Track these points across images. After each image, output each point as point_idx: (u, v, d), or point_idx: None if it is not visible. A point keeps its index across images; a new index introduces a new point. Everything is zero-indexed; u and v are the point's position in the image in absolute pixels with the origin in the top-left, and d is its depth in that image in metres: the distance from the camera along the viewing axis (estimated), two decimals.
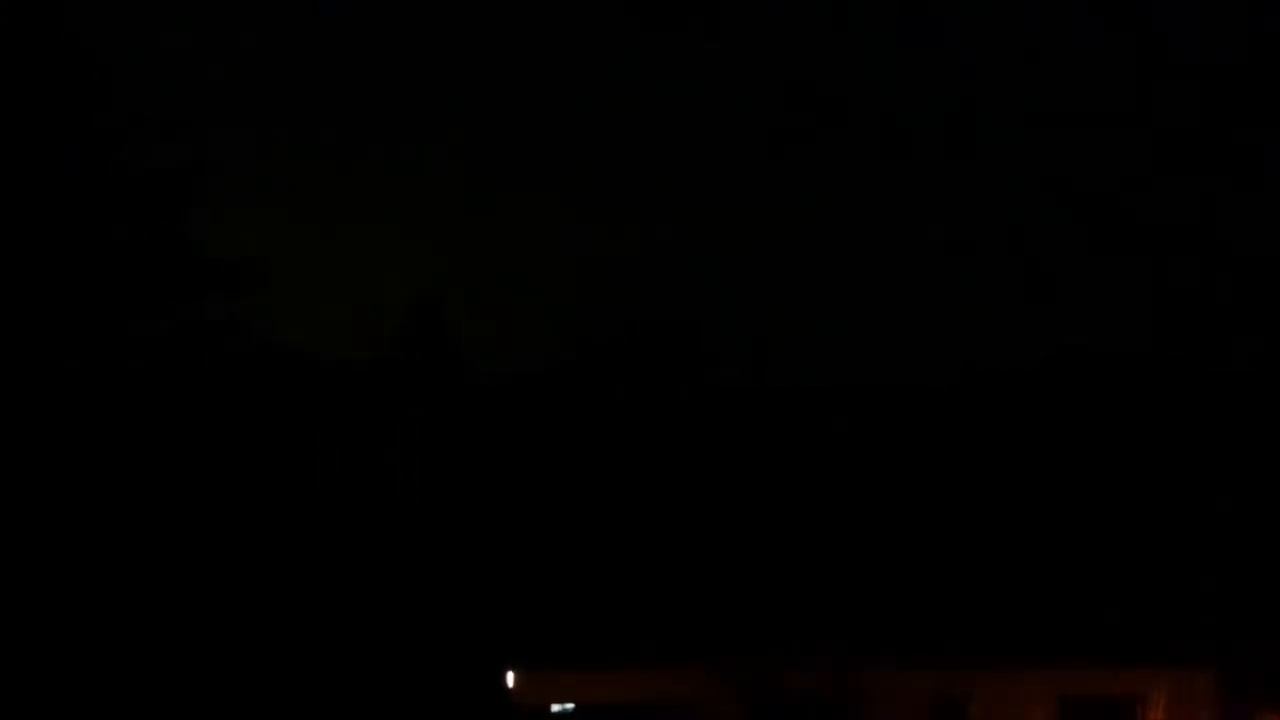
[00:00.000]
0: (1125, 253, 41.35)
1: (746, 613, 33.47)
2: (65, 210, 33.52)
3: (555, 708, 33.00)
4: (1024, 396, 38.24)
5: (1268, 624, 34.04)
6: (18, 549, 31.52)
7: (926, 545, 34.88)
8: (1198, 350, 38.31)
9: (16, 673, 30.83)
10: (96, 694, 30.94)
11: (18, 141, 33.55)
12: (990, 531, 35.29)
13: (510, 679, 32.82)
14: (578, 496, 35.80)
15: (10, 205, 33.12)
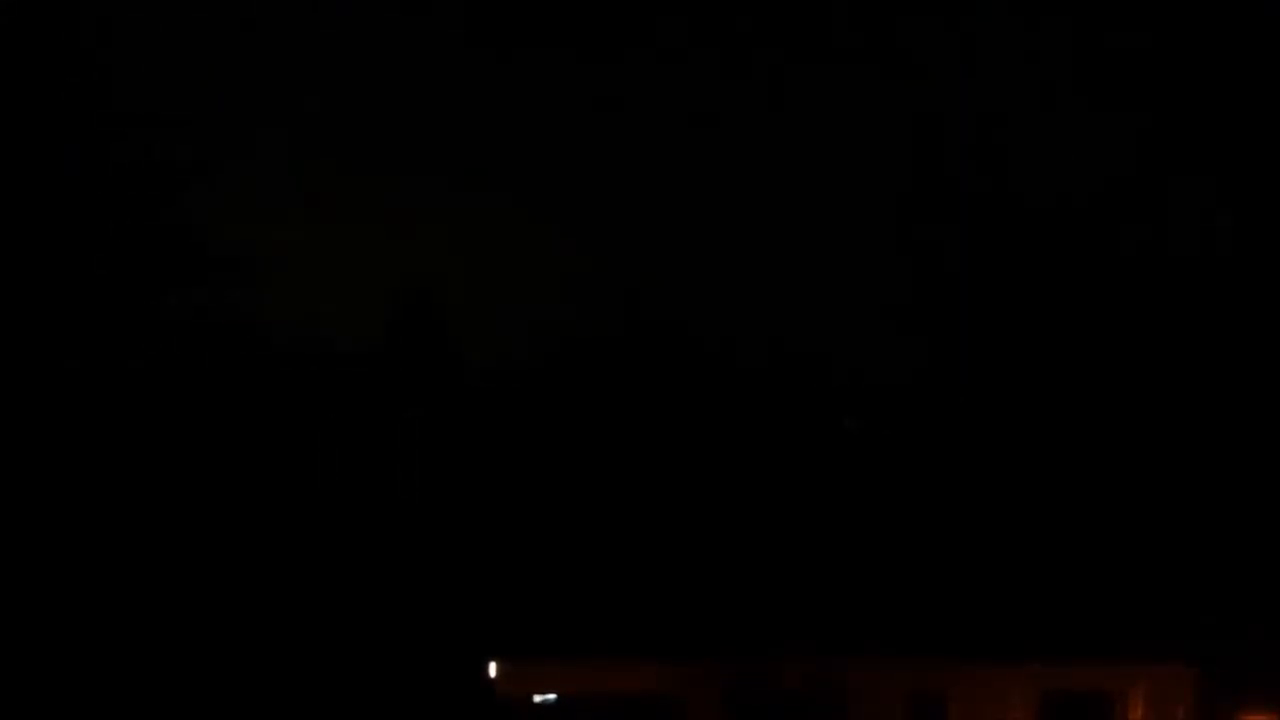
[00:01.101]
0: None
1: (730, 607, 33.75)
2: (62, 206, 34.02)
3: (537, 698, 33.26)
4: (997, 394, 38.45)
5: (1247, 621, 34.21)
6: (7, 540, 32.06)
7: (908, 542, 35.15)
8: (1179, 348, 38.43)
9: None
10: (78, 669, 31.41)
11: (15, 137, 34.05)
12: (972, 529, 35.55)
13: (493, 669, 33.12)
14: (565, 489, 36.10)
15: (6, 200, 33.63)
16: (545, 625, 33.47)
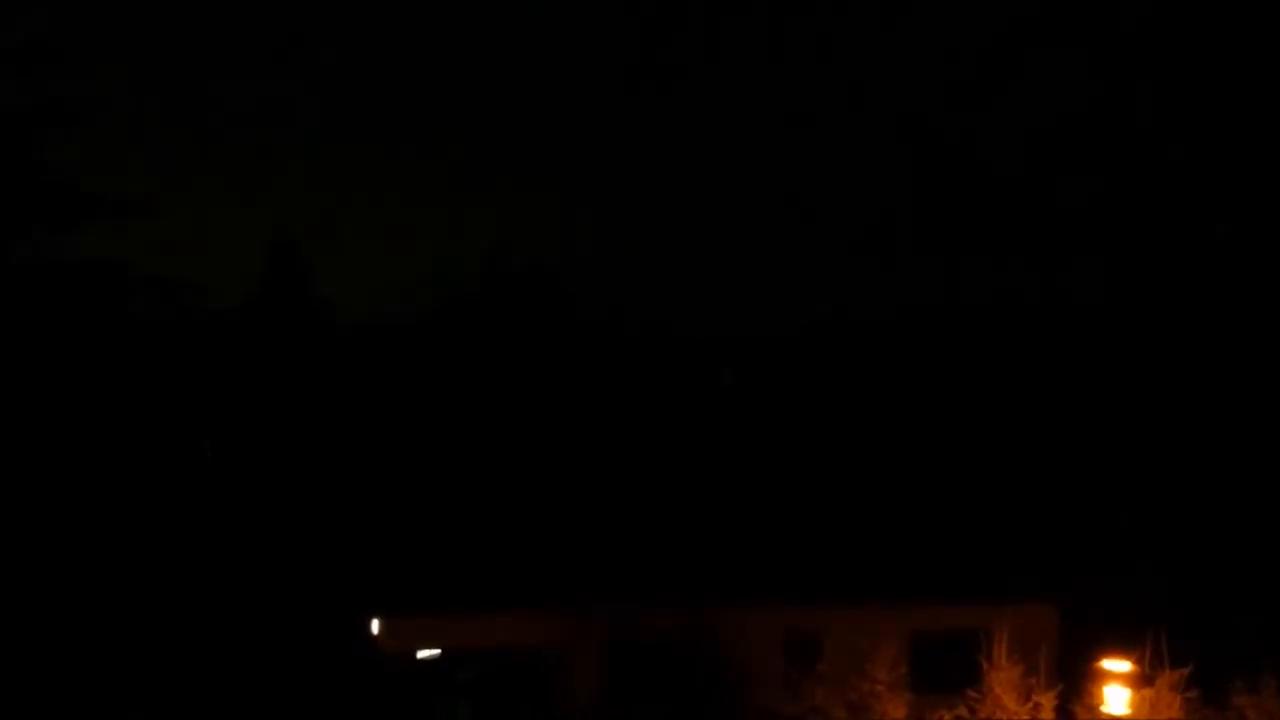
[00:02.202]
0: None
1: (605, 561, 34.28)
2: None
3: (421, 654, 33.58)
4: (870, 345, 39.10)
5: (1105, 561, 35.31)
6: None
7: (778, 488, 35.81)
8: (1038, 296, 39.19)
9: None
10: None
11: None
12: (841, 474, 36.27)
13: (375, 626, 33.41)
14: (442, 445, 36.37)
15: None
16: (426, 582, 33.80)
